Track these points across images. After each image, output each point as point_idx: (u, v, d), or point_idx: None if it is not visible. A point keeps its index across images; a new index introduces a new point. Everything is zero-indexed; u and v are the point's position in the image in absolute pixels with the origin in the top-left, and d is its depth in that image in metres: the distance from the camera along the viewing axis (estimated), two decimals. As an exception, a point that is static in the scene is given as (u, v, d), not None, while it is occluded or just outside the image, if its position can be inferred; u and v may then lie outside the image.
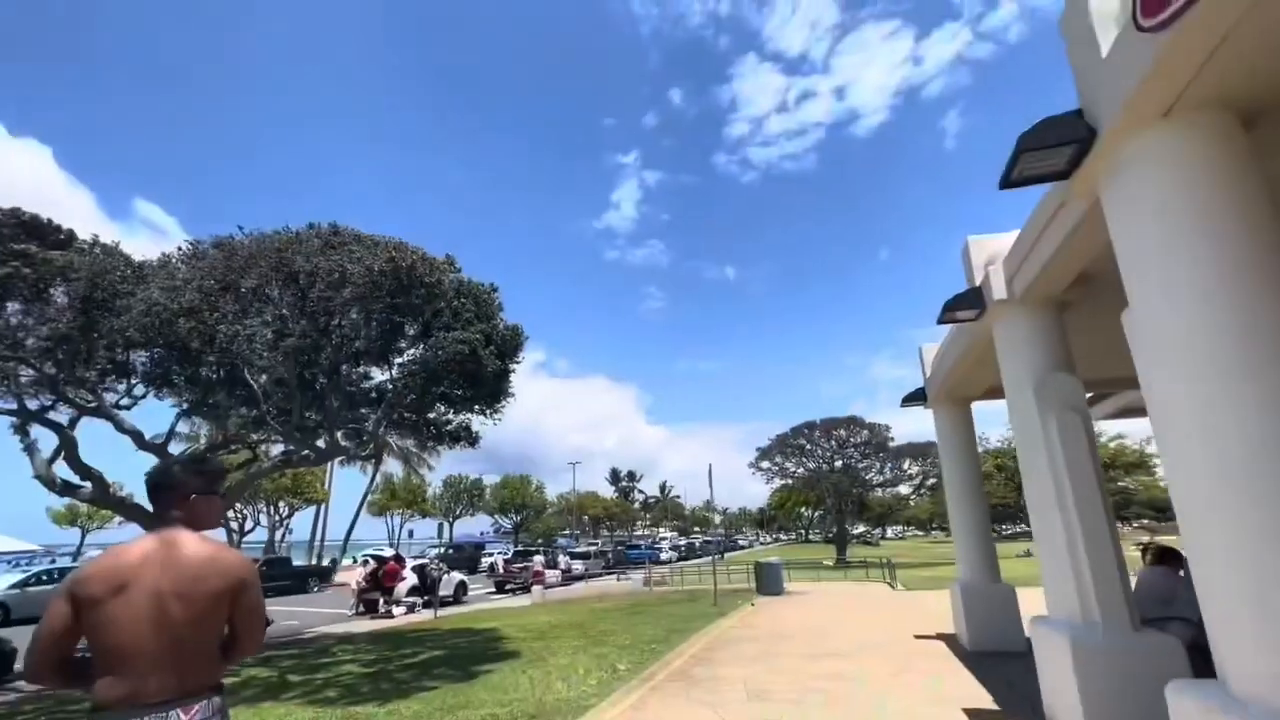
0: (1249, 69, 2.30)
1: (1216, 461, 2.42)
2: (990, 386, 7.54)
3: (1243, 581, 2.33)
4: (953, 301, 5.05)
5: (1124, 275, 2.85)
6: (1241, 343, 2.35)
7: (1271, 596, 2.22)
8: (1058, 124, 2.88)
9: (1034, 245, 4.05)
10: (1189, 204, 2.53)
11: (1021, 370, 4.61)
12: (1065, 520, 4.17)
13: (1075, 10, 2.87)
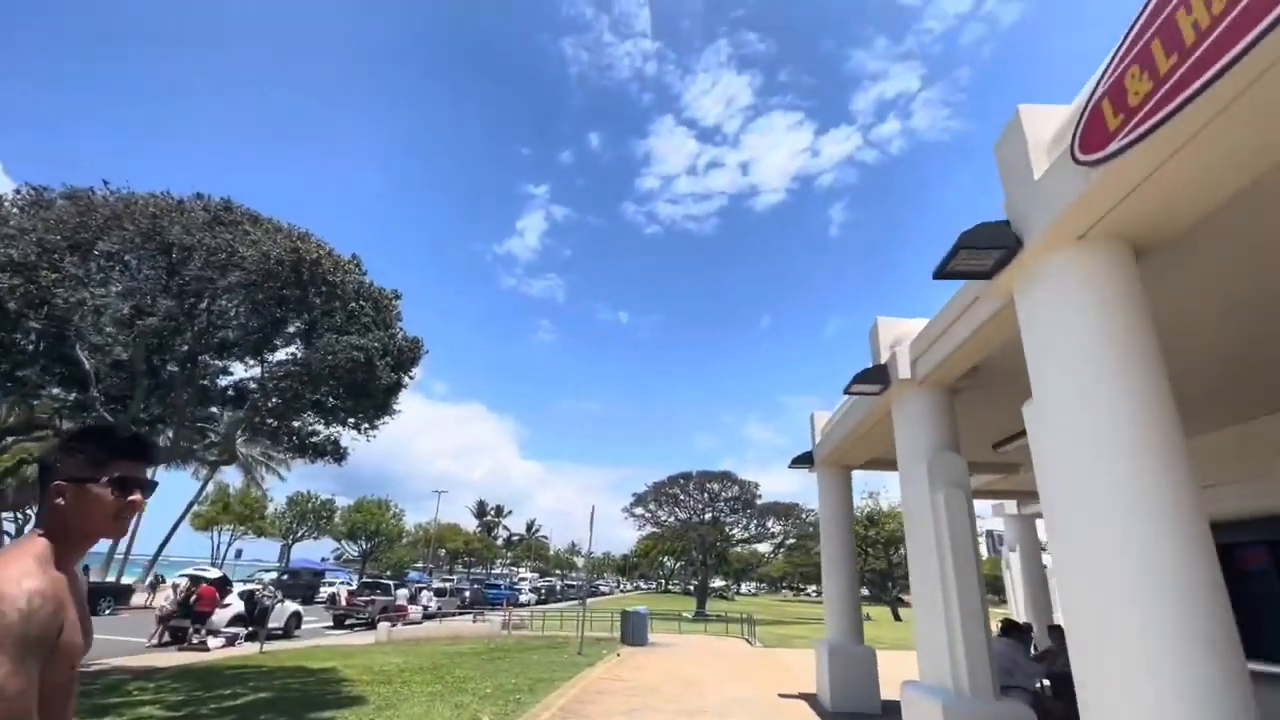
0: (1149, 211, 2.72)
1: (1100, 557, 2.71)
2: (873, 457, 8.12)
3: (1115, 669, 2.60)
4: (860, 375, 5.43)
5: (1031, 371, 3.20)
6: (1128, 442, 2.69)
7: (1142, 686, 2.48)
8: (990, 230, 3.23)
9: (943, 333, 4.47)
10: (1090, 316, 2.91)
11: (917, 446, 5.00)
12: (944, 590, 4.50)
13: (1011, 137, 3.28)
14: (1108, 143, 2.45)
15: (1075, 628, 2.83)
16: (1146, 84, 2.25)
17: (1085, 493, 2.81)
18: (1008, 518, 13.67)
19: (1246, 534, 6.40)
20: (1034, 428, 3.20)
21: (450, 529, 64.48)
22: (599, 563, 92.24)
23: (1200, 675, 2.35)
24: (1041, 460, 3.12)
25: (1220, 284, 3.65)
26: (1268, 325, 4.18)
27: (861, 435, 6.92)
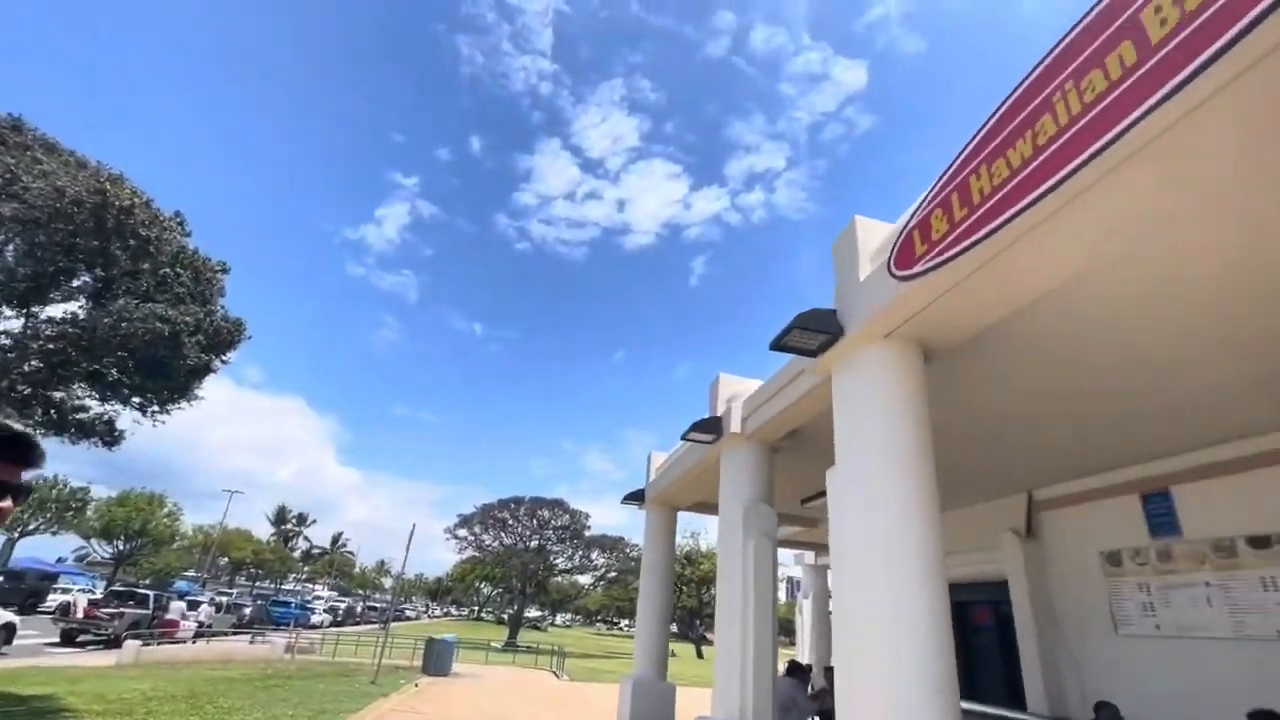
0: (938, 323, 3.34)
1: (866, 607, 3.18)
2: (699, 500, 8.65)
3: (865, 707, 3.04)
4: (697, 424, 5.84)
5: (836, 441, 3.70)
6: (897, 511, 3.22)
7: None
8: (820, 316, 3.73)
9: (772, 397, 5.00)
10: (884, 403, 3.46)
11: (737, 495, 5.47)
12: (744, 630, 4.91)
13: (846, 241, 3.84)
14: (915, 264, 2.99)
15: (840, 669, 3.27)
16: (945, 225, 2.81)
17: (862, 550, 3.29)
18: (806, 566, 15.12)
19: (977, 595, 7.72)
20: (832, 490, 3.69)
21: (238, 535, 56.67)
22: (410, 585, 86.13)
23: (927, 716, 2.84)
24: (834, 518, 3.60)
25: (978, 390, 4.50)
26: (1005, 430, 5.21)
27: (691, 479, 7.37)
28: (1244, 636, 4.90)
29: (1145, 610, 5.68)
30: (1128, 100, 1.92)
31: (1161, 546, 5.63)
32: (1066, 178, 2.15)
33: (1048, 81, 2.32)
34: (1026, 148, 2.36)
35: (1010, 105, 2.51)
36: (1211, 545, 5.23)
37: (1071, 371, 4.10)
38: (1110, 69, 2.03)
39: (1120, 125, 1.94)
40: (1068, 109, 2.18)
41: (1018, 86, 2.48)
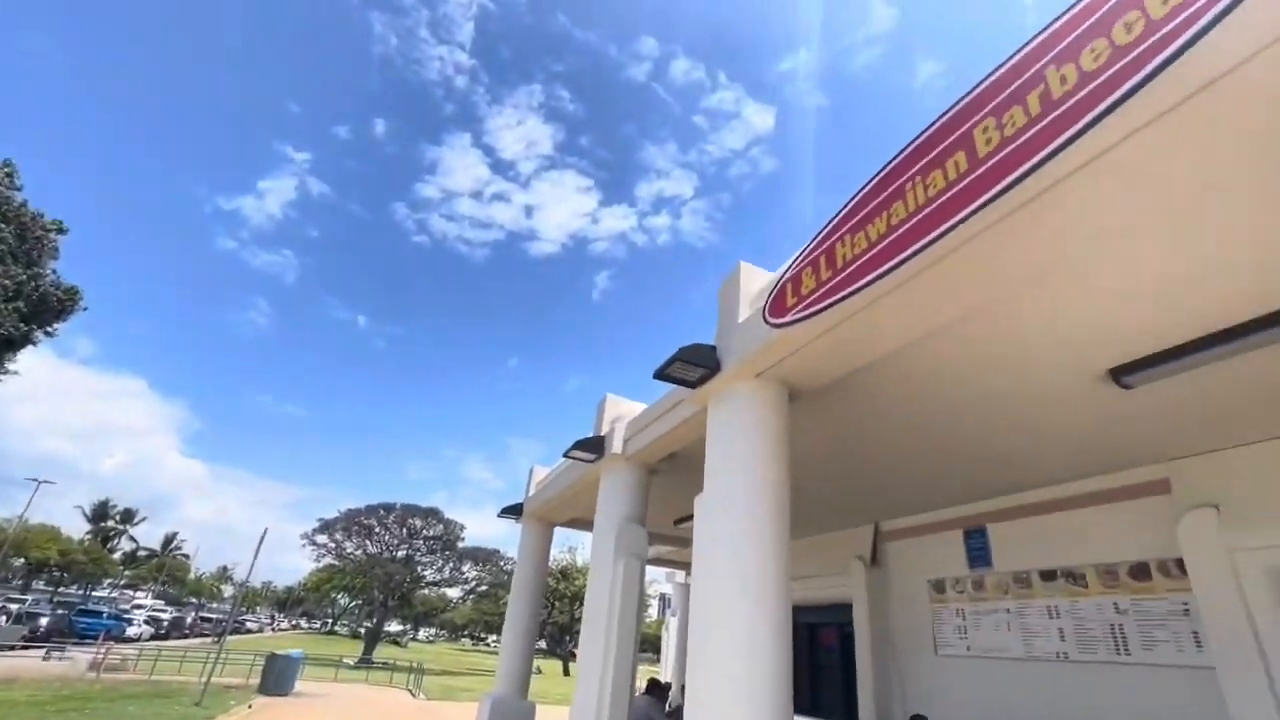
0: (802, 368, 3.67)
1: (717, 626, 3.39)
2: (577, 517, 8.69)
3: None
4: (581, 442, 5.92)
5: (707, 468, 3.93)
6: (754, 537, 3.48)
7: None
8: (702, 350, 3.97)
9: (653, 421, 5.19)
10: (750, 437, 3.74)
11: (612, 514, 5.59)
12: (606, 648, 5.01)
13: (731, 283, 4.13)
14: (786, 314, 3.28)
15: (690, 686, 3.45)
16: (813, 283, 3.12)
17: (719, 572, 3.51)
18: (676, 585, 15.55)
19: (826, 617, 8.36)
20: (699, 514, 3.91)
21: (41, 532, 48.85)
22: (255, 594, 78.21)
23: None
24: (698, 541, 3.80)
25: (837, 429, 4.95)
26: (861, 466, 5.76)
27: (571, 496, 7.42)
28: (1032, 657, 5.70)
29: (959, 633, 6.44)
30: (953, 205, 2.28)
31: (976, 577, 6.42)
32: (907, 259, 2.50)
33: (904, 170, 2.67)
34: (882, 225, 2.70)
35: (874, 185, 2.86)
36: (1013, 577, 6.06)
37: (917, 419, 4.62)
38: (949, 171, 2.40)
39: (944, 225, 2.31)
40: (915, 199, 2.53)
41: (882, 169, 2.84)
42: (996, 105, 2.24)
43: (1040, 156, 2.02)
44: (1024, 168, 2.04)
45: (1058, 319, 3.24)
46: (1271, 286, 2.86)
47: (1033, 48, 2.14)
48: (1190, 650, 4.68)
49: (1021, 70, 2.16)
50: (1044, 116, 2.04)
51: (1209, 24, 1.64)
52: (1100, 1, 1.96)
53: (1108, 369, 3.67)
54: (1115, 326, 3.28)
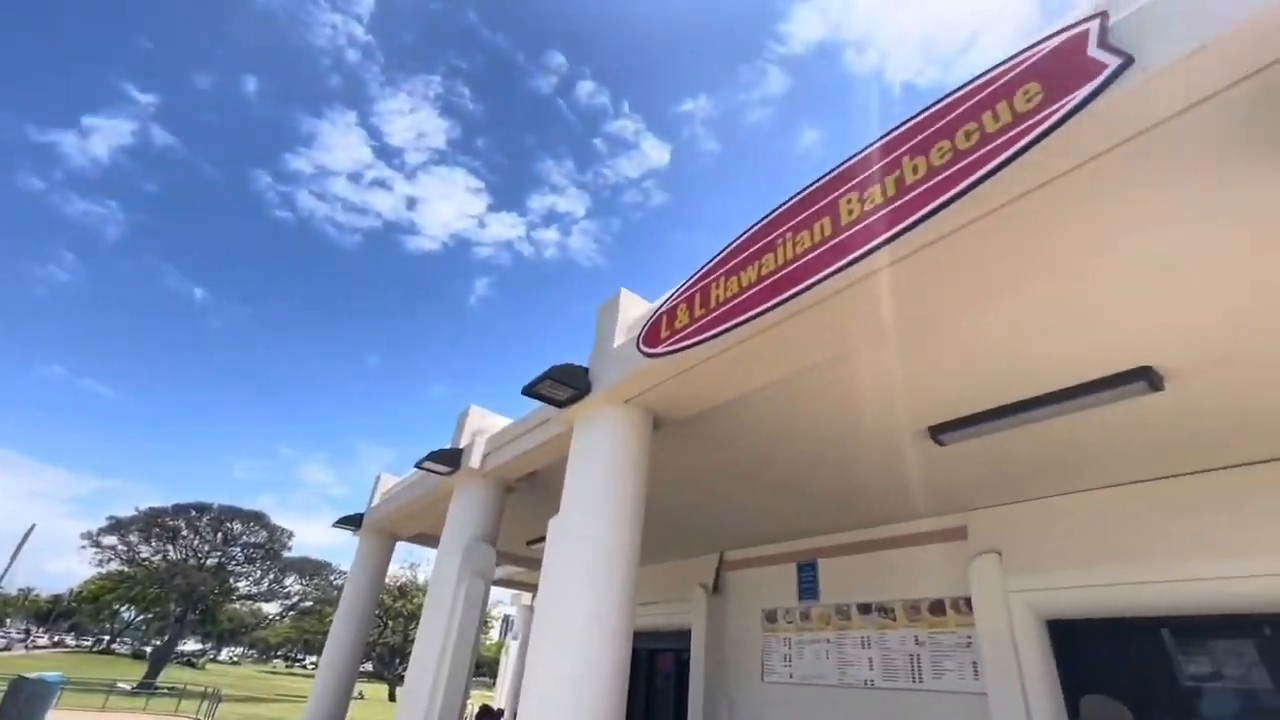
0: (670, 398, 3.78)
1: (557, 650, 3.35)
2: (422, 532, 8.20)
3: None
4: (437, 453, 5.63)
5: (565, 490, 3.89)
6: (602, 564, 3.49)
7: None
8: (573, 371, 3.96)
9: (516, 438, 5.07)
10: (612, 462, 3.77)
11: (461, 532, 5.34)
12: (438, 670, 4.73)
13: (610, 308, 4.18)
14: (659, 345, 3.37)
15: (524, 713, 3.34)
16: (687, 318, 3.24)
17: (566, 597, 3.47)
18: (521, 607, 15.14)
19: (664, 643, 8.53)
20: (552, 536, 3.85)
21: None
22: (7, 603, 64.96)
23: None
24: (548, 564, 3.74)
25: (696, 459, 5.14)
26: (714, 495, 6.01)
27: (419, 509, 7.00)
28: (844, 684, 6.20)
29: (785, 661, 6.86)
30: (816, 264, 2.50)
31: (804, 608, 6.90)
32: (772, 308, 2.68)
33: (778, 225, 2.88)
34: (754, 274, 2.88)
35: (751, 235, 3.04)
36: (835, 609, 6.58)
37: (765, 455, 4.92)
38: (815, 233, 2.62)
39: (807, 282, 2.52)
40: (785, 254, 2.73)
41: (759, 221, 3.03)
42: (860, 181, 2.50)
43: (884, 237, 2.27)
44: (874, 243, 2.27)
45: (889, 378, 3.63)
46: (1050, 372, 3.41)
47: (894, 137, 2.42)
48: (969, 679, 5.34)
49: (883, 154, 2.42)
50: (896, 200, 2.29)
51: (1021, 150, 1.94)
52: (948, 110, 2.26)
53: (928, 426, 4.16)
54: (935, 390, 3.74)
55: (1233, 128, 1.81)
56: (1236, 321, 2.85)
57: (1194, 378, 3.28)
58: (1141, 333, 3.03)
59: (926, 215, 2.16)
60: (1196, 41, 1.62)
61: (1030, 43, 2.14)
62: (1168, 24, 1.70)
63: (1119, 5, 1.94)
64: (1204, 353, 3.10)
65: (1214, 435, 3.93)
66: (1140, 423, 3.80)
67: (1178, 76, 1.70)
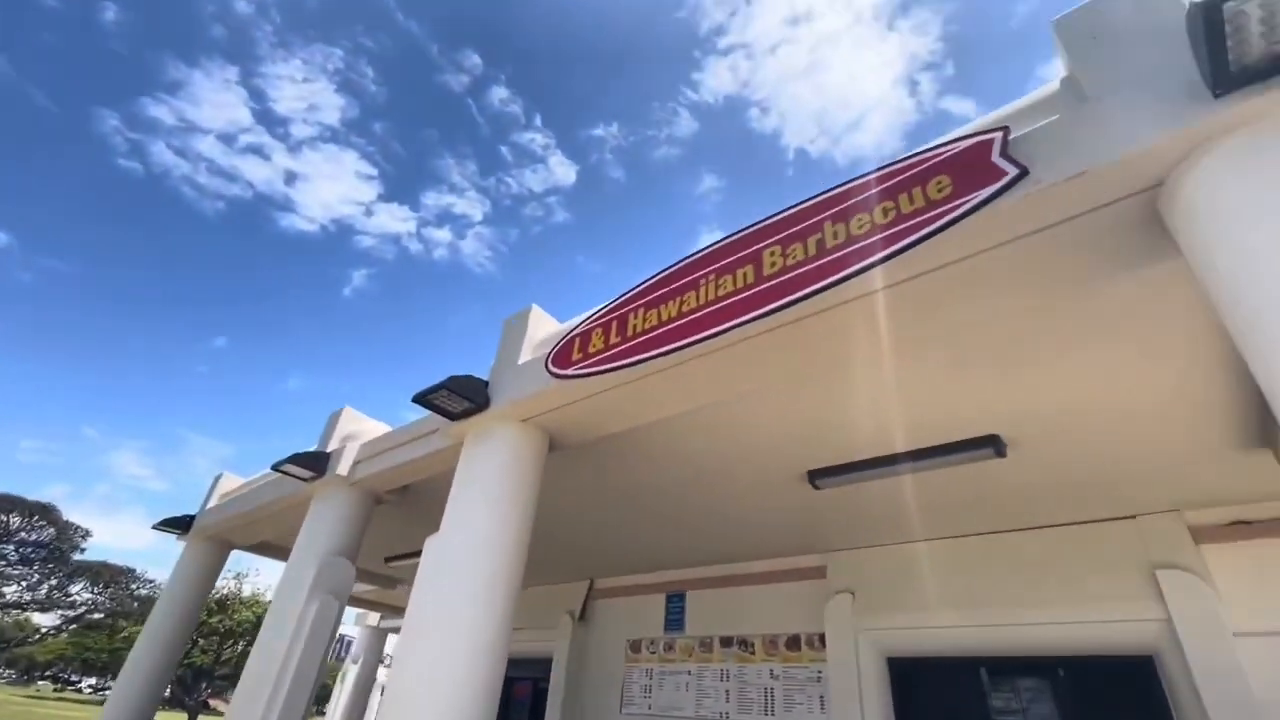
0: (572, 420, 3.73)
1: (427, 676, 3.12)
2: (266, 541, 7.36)
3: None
4: (299, 456, 5.10)
5: (448, 508, 3.67)
6: (484, 585, 3.32)
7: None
8: (472, 383, 3.79)
9: (397, 446, 4.73)
10: (503, 482, 3.63)
11: (317, 544, 4.85)
12: (272, 699, 4.20)
13: (518, 323, 4.08)
14: (569, 367, 3.32)
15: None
16: (601, 344, 3.23)
17: (439, 622, 3.25)
18: (365, 628, 13.98)
19: (524, 671, 8.24)
20: (428, 555, 3.60)
21: None
22: None
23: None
24: (420, 584, 3.48)
25: (584, 483, 5.08)
26: (595, 520, 5.96)
27: (268, 515, 6.28)
28: (700, 716, 6.32)
29: (645, 692, 6.87)
30: (736, 309, 2.60)
31: (669, 639, 6.99)
32: (690, 344, 2.75)
33: (705, 265, 2.97)
34: (674, 309, 2.94)
35: (677, 270, 3.11)
36: (699, 641, 6.73)
37: (649, 485, 4.97)
38: (738, 279, 2.73)
39: (725, 325, 2.62)
40: (707, 294, 2.82)
41: (688, 257, 3.11)
42: (784, 236, 2.65)
43: (805, 292, 2.42)
44: (794, 295, 2.42)
45: (780, 422, 3.84)
46: (916, 432, 3.79)
47: (819, 201, 2.60)
48: (816, 712, 5.66)
49: (809, 215, 2.59)
50: (816, 259, 2.46)
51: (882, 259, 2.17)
52: (868, 186, 2.47)
53: (807, 470, 4.43)
54: (817, 437, 4.01)
55: (1093, 242, 2.15)
56: (1069, 404, 3.34)
57: (1031, 448, 3.79)
58: (993, 406, 3.46)
59: (843, 279, 2.33)
60: (1079, 166, 1.91)
61: (941, 140, 2.41)
62: (1058, 147, 1.99)
63: (1019, 122, 2.25)
64: (1041, 428, 3.59)
65: (1041, 498, 4.55)
66: (985, 483, 4.31)
67: (1060, 193, 1.99)
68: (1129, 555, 4.57)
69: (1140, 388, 3.13)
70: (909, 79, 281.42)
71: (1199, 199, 1.81)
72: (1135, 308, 2.58)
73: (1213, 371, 2.94)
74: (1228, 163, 1.73)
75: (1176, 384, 3.05)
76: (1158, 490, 4.30)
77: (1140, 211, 2.00)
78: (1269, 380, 1.64)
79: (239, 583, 33.50)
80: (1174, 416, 3.34)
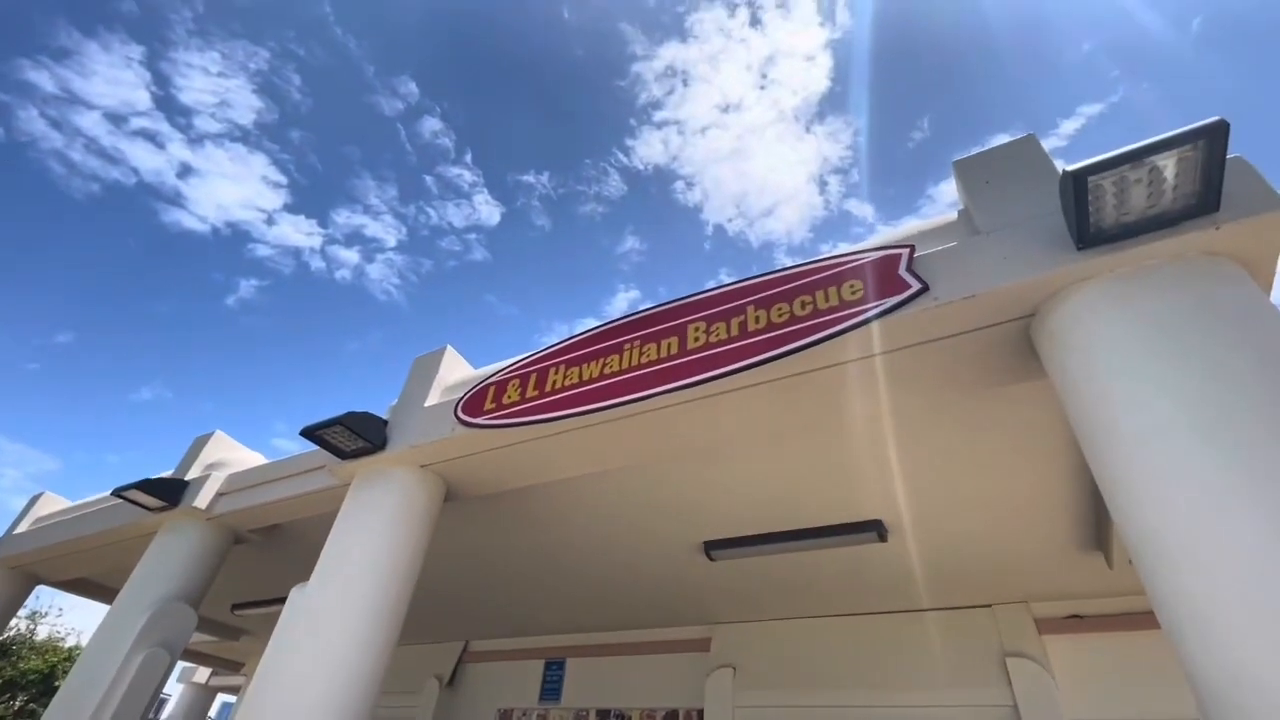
0: (473, 471, 3.57)
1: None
2: (84, 577, 6.35)
3: None
4: (150, 482, 4.50)
5: (323, 556, 3.35)
6: (361, 642, 3.02)
7: None
8: (369, 421, 3.56)
9: (270, 481, 4.30)
10: (394, 529, 3.38)
11: (153, 586, 4.24)
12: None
13: (429, 364, 3.92)
14: (480, 416, 3.22)
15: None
16: (517, 395, 3.17)
17: (303, 682, 2.91)
18: (189, 684, 12.22)
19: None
20: (294, 606, 3.23)
21: None
22: None
23: None
24: (280, 638, 3.11)
25: (473, 536, 4.84)
26: (476, 577, 5.65)
27: (95, 548, 5.43)
28: (568, 797, 5.96)
29: (511, 769, 6.41)
30: (657, 378, 2.67)
31: (543, 710, 6.62)
32: (609, 407, 2.76)
33: (630, 330, 3.03)
34: (596, 369, 2.96)
35: (602, 332, 3.15)
36: (575, 713, 6.42)
37: (541, 546, 4.82)
38: (662, 349, 2.81)
39: (647, 391, 2.66)
40: (631, 359, 2.87)
41: (615, 321, 3.16)
42: (709, 315, 2.77)
43: (727, 369, 2.53)
44: (715, 372, 2.52)
45: (682, 491, 3.90)
46: (807, 511, 3.97)
47: (744, 286, 2.76)
48: (688, 793, 5.50)
49: (734, 298, 2.74)
50: (737, 340, 2.59)
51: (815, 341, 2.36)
52: (788, 279, 2.66)
53: (704, 540, 4.48)
54: (716, 509, 4.09)
55: (974, 357, 2.41)
56: (946, 496, 3.64)
57: (909, 534, 4.07)
58: (880, 493, 3.70)
59: (758, 362, 2.46)
60: (969, 289, 2.17)
61: (857, 248, 2.65)
62: (953, 270, 2.25)
63: (922, 242, 2.53)
64: (919, 516, 3.88)
65: (913, 583, 4.84)
66: (865, 565, 4.55)
67: (951, 311, 2.24)
68: (986, 643, 4.93)
69: (1007, 486, 3.49)
70: (820, 178, 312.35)
71: (1061, 330, 2.10)
72: (1010, 416, 2.91)
73: (1066, 478, 3.34)
74: (1085, 303, 2.03)
75: (1036, 484, 3.43)
76: (1012, 582, 4.72)
77: (1017, 335, 2.28)
78: (1106, 491, 1.89)
79: (33, 623, 28.23)
80: (1030, 514, 3.73)
